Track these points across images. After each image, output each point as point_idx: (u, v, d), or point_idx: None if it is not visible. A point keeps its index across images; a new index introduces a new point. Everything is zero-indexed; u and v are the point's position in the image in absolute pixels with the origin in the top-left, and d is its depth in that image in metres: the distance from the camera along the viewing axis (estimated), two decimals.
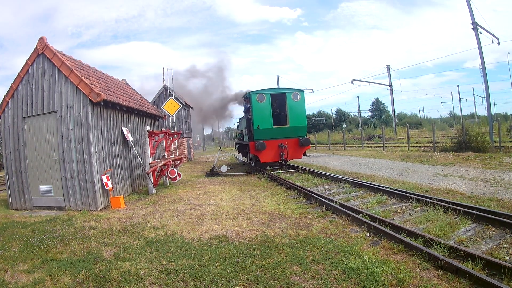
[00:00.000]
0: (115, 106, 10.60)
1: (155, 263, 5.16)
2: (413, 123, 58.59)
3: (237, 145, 25.59)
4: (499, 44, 23.05)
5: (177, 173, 12.92)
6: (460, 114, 62.82)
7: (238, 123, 25.70)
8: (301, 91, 17.30)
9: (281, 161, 17.72)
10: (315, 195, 9.52)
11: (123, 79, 15.53)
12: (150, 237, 6.51)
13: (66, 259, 5.37)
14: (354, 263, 4.83)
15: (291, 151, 16.45)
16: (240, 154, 27.00)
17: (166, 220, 7.72)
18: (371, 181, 11.59)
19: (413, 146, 24.40)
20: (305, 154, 17.62)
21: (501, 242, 5.54)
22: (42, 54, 9.68)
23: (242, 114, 23.12)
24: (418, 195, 8.72)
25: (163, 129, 13.88)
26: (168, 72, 22.41)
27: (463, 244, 5.50)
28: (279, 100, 17.55)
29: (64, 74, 9.40)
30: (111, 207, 9.35)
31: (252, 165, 19.18)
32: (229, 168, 18.67)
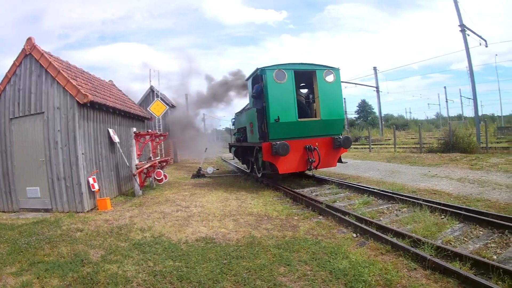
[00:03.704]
0: (101, 107, 10.59)
1: (142, 265, 5.18)
2: (400, 124, 59.29)
3: (232, 148, 19.29)
4: (486, 46, 23.38)
5: (163, 174, 12.92)
6: (447, 116, 63.82)
7: (233, 120, 20.19)
8: (335, 69, 12.28)
9: (308, 171, 12.41)
10: (301, 196, 9.55)
11: (110, 80, 15.46)
12: (137, 239, 6.52)
13: (53, 262, 5.38)
14: (341, 264, 4.90)
15: (324, 155, 11.70)
16: (236, 159, 21.21)
17: (153, 222, 7.74)
18: (358, 182, 11.68)
19: (400, 147, 24.64)
20: (340, 161, 12.51)
21: (489, 241, 5.65)
22: (30, 54, 9.63)
23: (238, 109, 19.18)
24: (405, 196, 8.81)
25: (150, 130, 13.90)
26: (154, 73, 22.39)
27: (451, 244, 5.57)
28: (306, 81, 13.68)
29: (51, 75, 9.38)
30: (98, 209, 9.34)
31: (259, 176, 13.98)
32: (215, 169, 18.70)
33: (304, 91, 14.35)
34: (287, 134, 11.31)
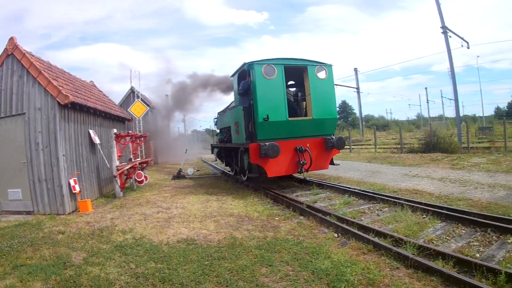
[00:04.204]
0: (82, 108, 10.56)
1: (124, 267, 5.20)
2: (380, 125, 60.03)
3: (215, 149, 18.67)
4: (468, 48, 23.63)
5: (144, 176, 12.95)
6: (428, 116, 64.42)
7: (216, 119, 19.25)
8: (328, 65, 11.63)
9: (298, 173, 11.53)
10: (282, 197, 9.63)
11: (91, 81, 15.34)
12: (119, 241, 6.53)
13: (36, 265, 5.38)
14: (323, 264, 4.94)
15: (316, 157, 10.98)
16: (218, 161, 20.80)
17: (134, 223, 7.77)
18: (338, 183, 11.76)
19: (380, 148, 24.91)
20: (332, 163, 11.93)
21: (471, 240, 5.72)
22: (12, 55, 9.55)
23: (220, 108, 18.40)
24: (386, 196, 8.89)
25: (130, 131, 13.88)
26: (135, 74, 22.27)
27: (433, 243, 5.63)
28: (297, 78, 12.80)
29: (32, 76, 9.32)
30: (79, 211, 9.32)
31: (244, 179, 13.38)
32: (195, 170, 18.72)
33: (292, 89, 13.53)
34: (277, 134, 10.62)
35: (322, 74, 11.37)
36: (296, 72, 11.71)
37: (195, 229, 7.18)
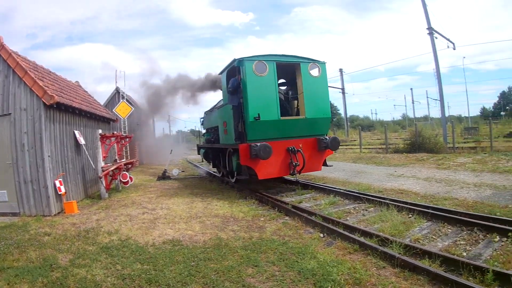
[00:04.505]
0: (68, 108, 10.53)
1: (111, 268, 5.20)
2: (365, 125, 60.65)
3: (201, 150, 17.93)
4: (454, 49, 23.88)
5: (129, 177, 12.96)
6: (413, 116, 64.53)
7: (202, 119, 18.66)
8: (321, 63, 11.24)
9: (291, 175, 10.99)
10: (267, 197, 9.69)
11: (76, 81, 15.31)
12: (104, 242, 6.53)
13: (23, 267, 5.37)
14: (310, 264, 4.96)
15: (308, 158, 10.48)
16: (205, 162, 20.42)
17: (120, 224, 7.79)
18: (323, 183, 11.80)
19: (366, 148, 25.01)
20: (325, 164, 11.40)
21: (458, 239, 5.76)
22: None
23: (207, 107, 17.64)
24: (372, 196, 8.92)
25: (115, 132, 13.88)
26: (120, 74, 22.25)
27: (419, 242, 5.66)
28: (287, 75, 12.32)
29: (18, 76, 9.24)
30: (65, 212, 9.30)
31: (232, 181, 12.89)
32: (180, 171, 18.72)
33: (282, 88, 13.11)
34: (268, 135, 10.19)
35: (315, 72, 11.02)
36: (288, 69, 11.35)
37: (180, 230, 7.20)
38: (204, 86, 19.03)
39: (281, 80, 12.88)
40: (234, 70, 10.65)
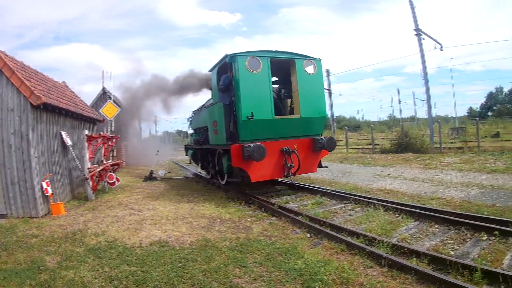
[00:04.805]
0: (54, 109, 10.51)
1: (98, 270, 5.22)
2: (352, 126, 60.90)
3: (189, 151, 17.65)
4: (442, 50, 23.97)
5: (116, 178, 12.97)
6: (400, 117, 64.31)
7: (190, 119, 18.15)
8: (317, 60, 10.80)
9: (285, 177, 10.64)
10: (253, 198, 9.73)
11: (63, 82, 15.23)
12: (92, 244, 6.54)
13: (11, 269, 5.38)
14: (297, 264, 5.00)
15: (303, 159, 10.06)
16: (193, 163, 20.06)
17: (107, 226, 7.80)
18: (310, 183, 11.84)
19: (352, 148, 25.23)
20: (320, 165, 10.99)
21: (445, 238, 5.83)
22: None
23: (195, 106, 17.27)
24: (358, 196, 8.99)
25: (102, 133, 13.86)
26: (107, 75, 22.18)
27: (407, 241, 5.71)
28: (281, 73, 11.87)
29: (6, 76, 9.16)
30: (52, 214, 9.28)
31: (222, 183, 12.41)
32: (167, 172, 18.73)
33: (275, 86, 12.57)
34: (261, 135, 9.75)
35: (310, 69, 10.61)
36: (280, 66, 10.84)
37: (167, 231, 7.23)
38: (181, 89, 19.05)
39: (273, 78, 12.30)
40: (226, 67, 10.22)
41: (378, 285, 4.31)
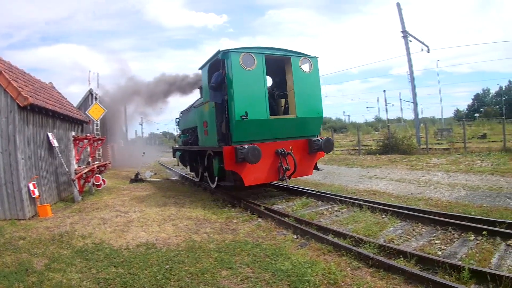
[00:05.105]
0: (41, 110, 10.48)
1: (86, 272, 5.21)
2: (338, 127, 60.96)
3: (177, 153, 16.84)
4: (428, 52, 24.34)
5: (102, 179, 12.98)
6: (386, 118, 65.05)
7: (178, 120, 17.58)
8: (313, 58, 10.39)
9: (280, 181, 10.15)
10: (239, 199, 9.81)
11: (50, 83, 15.18)
12: (79, 246, 6.52)
13: None
14: (284, 265, 5.03)
15: (299, 161, 9.67)
16: (181, 165, 19.17)
17: (93, 228, 7.80)
18: (296, 185, 11.84)
19: (338, 150, 25.29)
20: (316, 168, 10.57)
21: (432, 238, 5.88)
22: None
23: (182, 107, 16.42)
24: (344, 197, 9.03)
25: (88, 134, 13.85)
26: (94, 76, 22.11)
27: (394, 242, 5.74)
28: (275, 71, 11.27)
29: None
30: (39, 216, 9.27)
31: (213, 187, 12.03)
32: (153, 173, 18.75)
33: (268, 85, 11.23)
34: (256, 136, 9.28)
35: (306, 67, 10.17)
36: (274, 64, 10.41)
37: (154, 232, 7.25)
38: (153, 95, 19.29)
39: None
40: (218, 64, 9.71)
41: (366, 286, 4.37)
